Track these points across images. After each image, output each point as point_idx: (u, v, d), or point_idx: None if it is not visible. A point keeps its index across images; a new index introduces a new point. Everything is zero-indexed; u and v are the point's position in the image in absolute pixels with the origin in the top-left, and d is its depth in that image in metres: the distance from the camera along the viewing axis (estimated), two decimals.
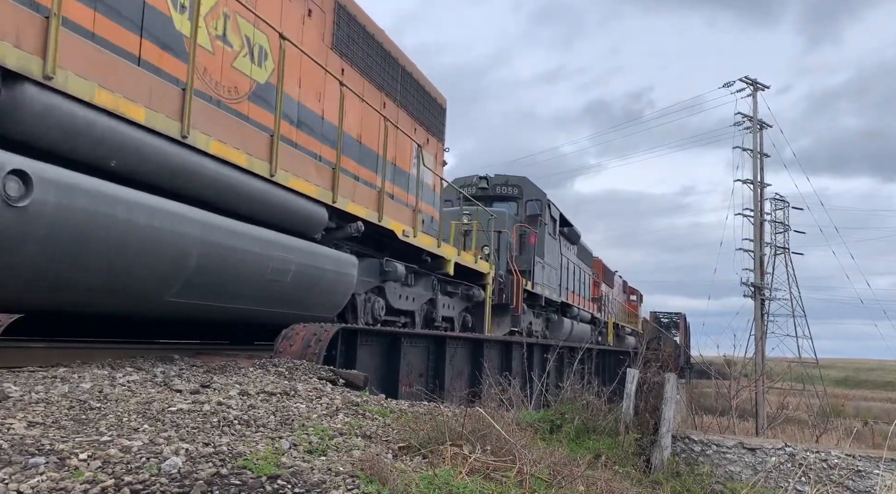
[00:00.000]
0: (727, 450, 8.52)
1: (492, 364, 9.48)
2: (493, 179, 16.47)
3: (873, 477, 7.83)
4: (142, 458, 2.66)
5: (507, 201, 16.27)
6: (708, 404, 13.86)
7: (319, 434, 3.65)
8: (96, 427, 3.06)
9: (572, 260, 20.70)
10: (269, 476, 2.71)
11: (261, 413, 3.83)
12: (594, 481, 4.49)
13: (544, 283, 16.10)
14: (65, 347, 5.36)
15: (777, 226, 35.94)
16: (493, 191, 16.22)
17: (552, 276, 17.21)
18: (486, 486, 3.34)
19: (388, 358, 7.36)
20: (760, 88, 31.72)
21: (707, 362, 17.90)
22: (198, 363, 5.40)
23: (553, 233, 17.50)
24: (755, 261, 31.27)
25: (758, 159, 31.30)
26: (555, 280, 17.57)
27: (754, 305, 30.89)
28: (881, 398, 49.91)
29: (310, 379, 5.21)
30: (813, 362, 35.68)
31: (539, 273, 15.60)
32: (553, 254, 17.39)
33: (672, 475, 7.84)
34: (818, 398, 27.76)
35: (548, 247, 16.60)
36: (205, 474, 2.60)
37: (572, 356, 12.26)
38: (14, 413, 3.12)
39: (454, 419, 4.41)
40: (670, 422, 8.45)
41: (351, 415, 4.35)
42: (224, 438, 3.21)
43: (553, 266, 17.35)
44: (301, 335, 6.06)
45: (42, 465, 2.44)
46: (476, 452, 3.79)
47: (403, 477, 3.07)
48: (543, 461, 4.19)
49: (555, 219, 17.62)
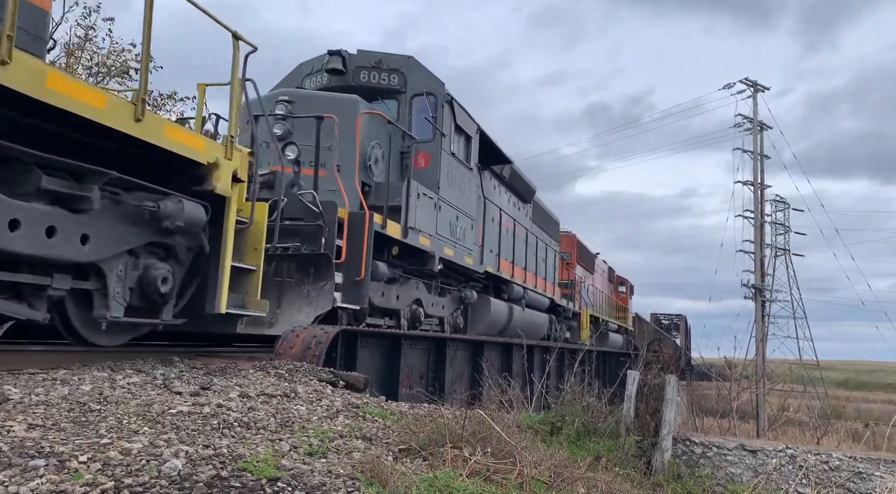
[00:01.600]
0: (728, 452, 8.51)
1: (492, 365, 9.47)
2: (356, 58, 9.92)
3: (874, 479, 7.83)
4: (142, 460, 2.66)
5: (382, 97, 9.93)
6: (709, 406, 13.84)
7: (320, 436, 3.65)
8: (96, 430, 3.05)
9: (519, 219, 14.83)
10: (270, 478, 2.70)
11: (261, 416, 3.83)
12: (595, 483, 4.48)
13: (439, 235, 9.84)
14: (64, 350, 5.35)
15: (777, 228, 35.97)
16: (356, 79, 9.74)
17: (463, 229, 10.98)
18: (487, 488, 3.34)
19: (389, 359, 7.36)
20: (760, 90, 31.77)
21: (708, 364, 17.88)
22: (198, 365, 5.40)
23: (465, 157, 10.99)
24: (756, 263, 31.28)
25: (758, 160, 31.33)
26: (471, 236, 11.34)
27: (755, 307, 30.89)
28: (882, 399, 49.87)
29: (310, 381, 5.21)
30: (814, 364, 35.67)
31: (425, 215, 9.36)
32: (464, 194, 11.00)
33: (673, 477, 7.83)
34: (819, 400, 27.73)
35: (449, 176, 10.25)
36: (205, 476, 2.60)
37: (573, 357, 12.24)
38: (14, 415, 3.12)
39: (454, 421, 4.41)
40: (671, 424, 8.45)
41: (351, 417, 4.35)
42: (224, 440, 3.21)
43: (465, 212, 11.05)
44: (301, 337, 6.05)
45: (42, 467, 2.43)
46: (476, 454, 3.79)
47: (404, 480, 3.06)
48: (544, 463, 4.19)
49: (467, 134, 11.02)
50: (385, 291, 8.72)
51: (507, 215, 14.00)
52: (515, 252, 14.35)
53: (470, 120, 11.15)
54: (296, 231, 7.09)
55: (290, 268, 6.89)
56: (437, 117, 9.82)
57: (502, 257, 13.37)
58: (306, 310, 6.67)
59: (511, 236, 14.14)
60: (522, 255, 14.98)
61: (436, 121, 9.79)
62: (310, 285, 6.75)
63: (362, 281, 7.46)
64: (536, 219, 16.67)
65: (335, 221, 7.26)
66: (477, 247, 11.87)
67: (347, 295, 7.38)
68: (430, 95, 9.92)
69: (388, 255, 8.68)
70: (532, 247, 15.86)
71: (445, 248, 10.03)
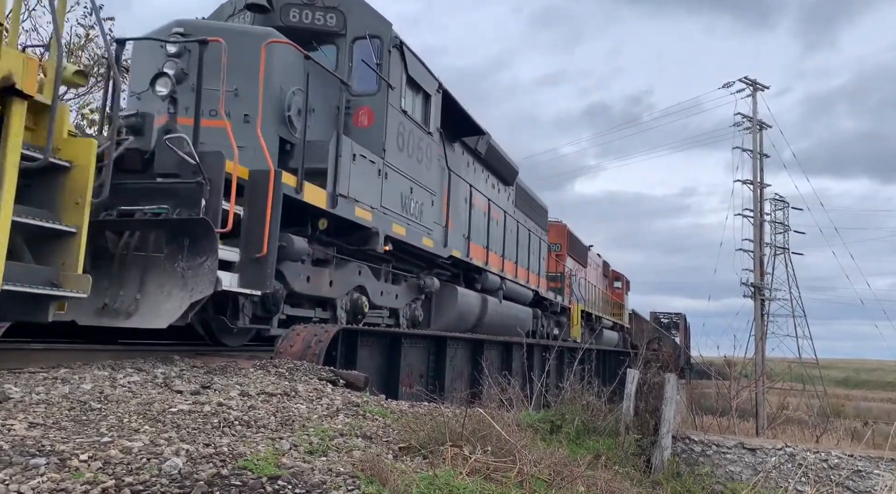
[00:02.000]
0: (727, 451, 8.52)
1: (492, 364, 9.48)
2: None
3: (874, 477, 7.83)
4: (142, 459, 2.67)
5: (318, 42, 8.16)
6: (708, 404, 13.86)
7: (320, 434, 3.65)
8: (97, 428, 3.06)
9: (497, 202, 13.16)
10: (270, 476, 2.71)
11: (261, 414, 3.84)
12: (594, 481, 4.49)
13: (386, 209, 8.16)
14: (65, 348, 5.35)
15: (777, 227, 35.94)
16: (284, 18, 8.03)
17: (419, 204, 9.25)
18: (487, 486, 3.34)
19: (389, 358, 7.37)
20: (760, 89, 31.76)
21: (707, 362, 17.90)
22: (198, 364, 5.41)
23: (423, 119, 9.30)
24: (755, 262, 31.27)
25: (758, 159, 31.33)
26: (431, 214, 9.67)
27: (754, 305, 30.88)
28: (881, 398, 49.92)
29: (310, 379, 5.21)
30: (813, 362, 35.65)
31: (365, 182, 7.66)
32: (421, 162, 9.26)
33: (672, 475, 7.84)
34: (818, 398, 27.75)
35: (400, 138, 8.54)
36: (205, 475, 2.60)
37: (573, 356, 12.24)
38: (15, 414, 3.12)
39: (454, 419, 4.41)
40: (670, 423, 8.45)
41: (351, 416, 4.36)
42: (224, 439, 3.21)
43: (423, 185, 9.34)
44: (301, 336, 6.06)
45: (43, 466, 2.44)
46: (476, 452, 3.80)
47: (404, 478, 3.07)
48: (544, 461, 4.20)
49: (425, 91, 9.27)
50: (312, 275, 7.19)
51: (482, 195, 12.24)
52: (491, 237, 12.56)
53: (429, 74, 9.42)
54: (170, 191, 5.47)
55: (157, 239, 5.32)
56: (382, 65, 8.09)
57: (474, 241, 11.60)
58: (179, 295, 5.09)
59: (486, 218, 12.32)
60: (500, 242, 13.21)
61: (381, 69, 8.06)
62: (184, 261, 5.15)
63: (264, 259, 5.73)
64: (520, 205, 15.21)
65: (221, 178, 5.48)
66: (439, 228, 10.07)
67: (246, 276, 5.70)
68: (374, 38, 8.08)
69: (314, 230, 7.11)
70: (513, 234, 14.16)
71: (394, 225, 8.34)
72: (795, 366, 31.86)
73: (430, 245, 9.52)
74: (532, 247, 15.81)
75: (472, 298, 11.55)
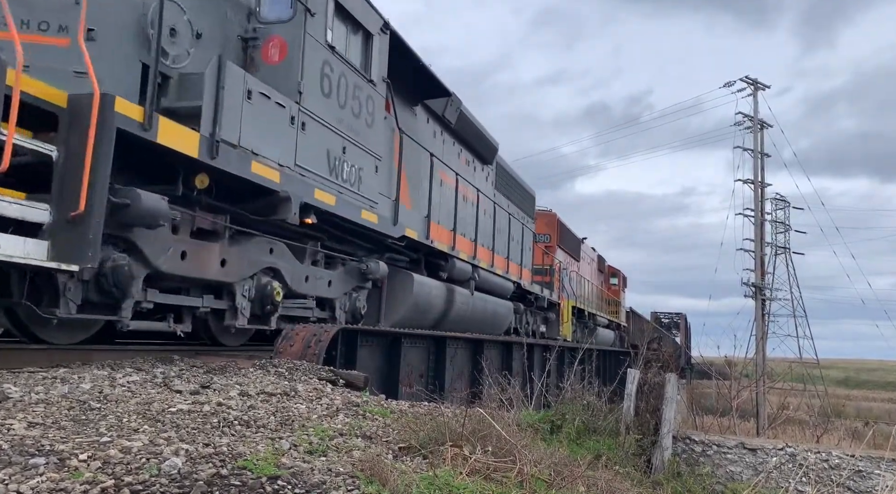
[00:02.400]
0: (728, 451, 8.52)
1: (492, 364, 9.48)
2: None
3: (874, 478, 7.83)
4: (142, 459, 2.66)
5: None
6: (709, 404, 13.86)
7: (319, 434, 3.65)
8: (96, 428, 3.06)
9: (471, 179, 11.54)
10: (270, 476, 2.70)
11: (261, 414, 3.83)
12: (595, 481, 4.49)
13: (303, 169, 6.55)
14: (64, 348, 5.35)
15: (778, 226, 35.92)
16: None
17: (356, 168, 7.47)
18: (487, 487, 3.34)
19: (389, 358, 7.37)
20: (761, 88, 31.75)
21: (708, 362, 17.88)
22: (198, 363, 5.40)
23: (361, 63, 7.57)
24: (756, 261, 31.26)
25: (758, 159, 31.32)
26: (373, 183, 7.85)
27: (755, 305, 30.87)
28: (882, 398, 49.91)
29: (310, 379, 5.21)
30: (814, 362, 35.66)
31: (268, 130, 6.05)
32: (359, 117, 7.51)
33: (673, 475, 7.84)
34: (819, 398, 27.75)
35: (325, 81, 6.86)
36: (205, 474, 2.60)
37: (573, 356, 12.24)
38: (14, 413, 3.12)
39: (454, 419, 4.41)
40: (671, 423, 8.45)
41: (351, 416, 4.35)
42: (224, 439, 3.21)
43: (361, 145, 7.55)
44: (301, 335, 6.06)
45: (42, 466, 2.44)
46: (476, 452, 3.79)
47: (404, 478, 3.06)
48: (544, 461, 4.19)
49: (365, 28, 7.56)
50: (190, 250, 5.54)
51: (449, 168, 10.44)
52: (462, 219, 10.89)
53: (370, 8, 7.62)
54: None
55: None
56: None
57: (438, 222, 9.88)
58: None
59: (455, 197, 10.57)
60: (473, 225, 11.42)
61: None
62: None
63: (83, 220, 4.22)
64: (502, 187, 13.70)
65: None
66: (387, 202, 8.28)
67: (58, 244, 4.21)
68: None
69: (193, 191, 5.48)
70: (490, 218, 12.43)
71: (318, 191, 6.61)
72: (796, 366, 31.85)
73: (372, 220, 7.67)
74: (514, 234, 14.14)
75: (435, 288, 9.77)
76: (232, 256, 6.07)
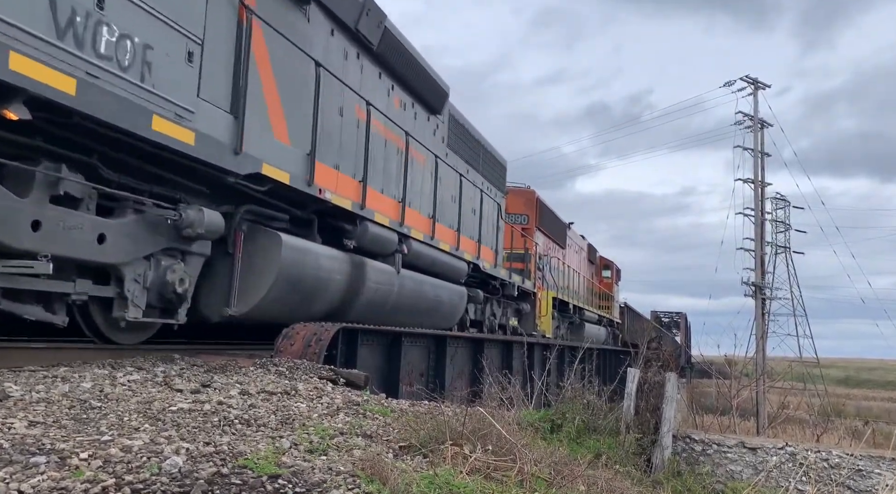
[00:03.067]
0: (728, 450, 8.52)
1: (492, 363, 9.48)
2: None
3: (874, 477, 7.83)
4: (143, 457, 2.67)
5: None
6: (709, 403, 13.87)
7: (320, 433, 3.65)
8: (97, 427, 3.06)
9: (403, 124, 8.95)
10: (270, 475, 2.71)
11: (261, 413, 3.83)
12: (595, 480, 4.49)
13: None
14: (65, 347, 5.35)
15: (778, 226, 35.90)
16: None
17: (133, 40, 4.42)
18: (487, 486, 3.34)
19: (389, 357, 7.37)
20: (761, 87, 31.72)
21: (708, 361, 17.86)
22: (198, 362, 5.41)
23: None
24: (756, 261, 31.25)
25: (759, 158, 31.30)
26: (184, 77, 4.92)
27: (755, 304, 30.87)
28: (882, 397, 49.89)
29: (310, 378, 5.21)
30: (814, 361, 35.65)
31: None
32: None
33: (673, 474, 7.84)
34: (819, 397, 27.75)
35: None
36: (205, 473, 2.60)
37: (573, 355, 12.24)
38: (15, 412, 3.12)
39: (455, 418, 4.41)
40: (671, 422, 8.45)
41: (352, 415, 4.36)
42: (225, 437, 3.21)
43: (155, 10, 4.59)
44: (302, 334, 6.05)
45: (43, 464, 2.44)
46: (477, 451, 3.79)
47: (404, 477, 3.07)
48: (544, 460, 4.20)
49: None
50: None
51: (357, 96, 7.63)
52: (379, 169, 8.29)
53: None
54: None
55: None
56: None
57: (331, 165, 7.17)
58: None
59: (364, 135, 7.81)
60: (401, 182, 8.88)
61: None
62: None
63: None
64: (456, 145, 11.13)
65: None
66: (222, 116, 5.43)
67: None
68: None
69: None
70: (432, 178, 9.99)
71: (21, 58, 3.71)
72: (796, 365, 31.84)
73: (179, 138, 4.83)
74: (471, 204, 11.60)
75: (325, 259, 6.94)
76: None
